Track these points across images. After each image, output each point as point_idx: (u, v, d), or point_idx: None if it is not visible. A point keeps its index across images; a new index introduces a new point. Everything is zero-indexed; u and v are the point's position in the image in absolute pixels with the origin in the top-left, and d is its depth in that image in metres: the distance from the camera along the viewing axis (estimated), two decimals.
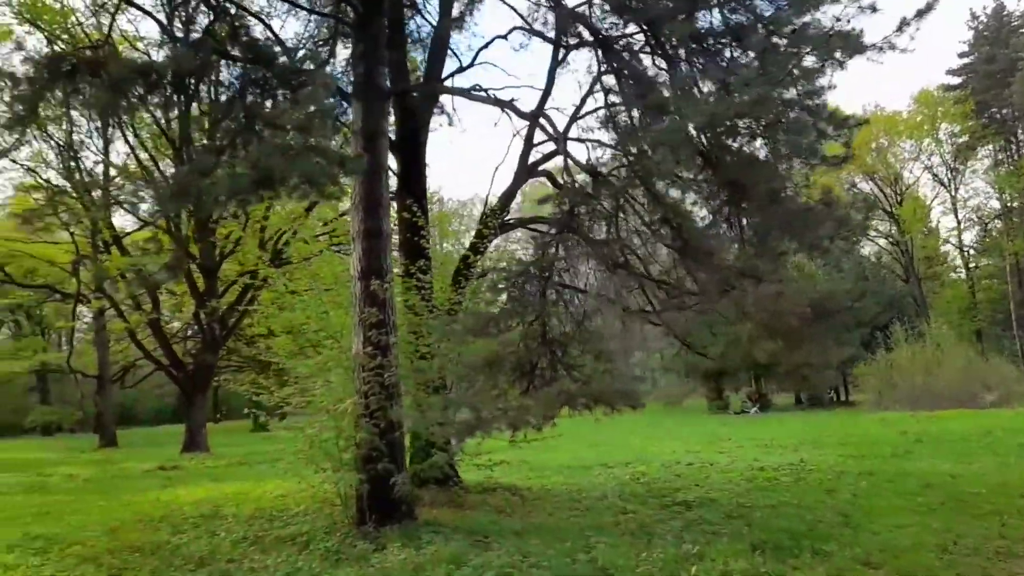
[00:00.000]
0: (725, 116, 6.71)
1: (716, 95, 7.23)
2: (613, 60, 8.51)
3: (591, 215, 8.14)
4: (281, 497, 13.41)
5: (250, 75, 7.43)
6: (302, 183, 6.72)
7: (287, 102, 7.09)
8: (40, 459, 27.10)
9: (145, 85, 6.86)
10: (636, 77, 8.23)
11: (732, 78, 7.00)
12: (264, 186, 6.57)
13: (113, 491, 16.19)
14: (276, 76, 7.23)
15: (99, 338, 32.64)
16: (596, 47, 8.59)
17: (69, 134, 24.74)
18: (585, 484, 13.33)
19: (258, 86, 7.50)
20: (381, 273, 9.68)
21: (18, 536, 10.33)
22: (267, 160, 6.29)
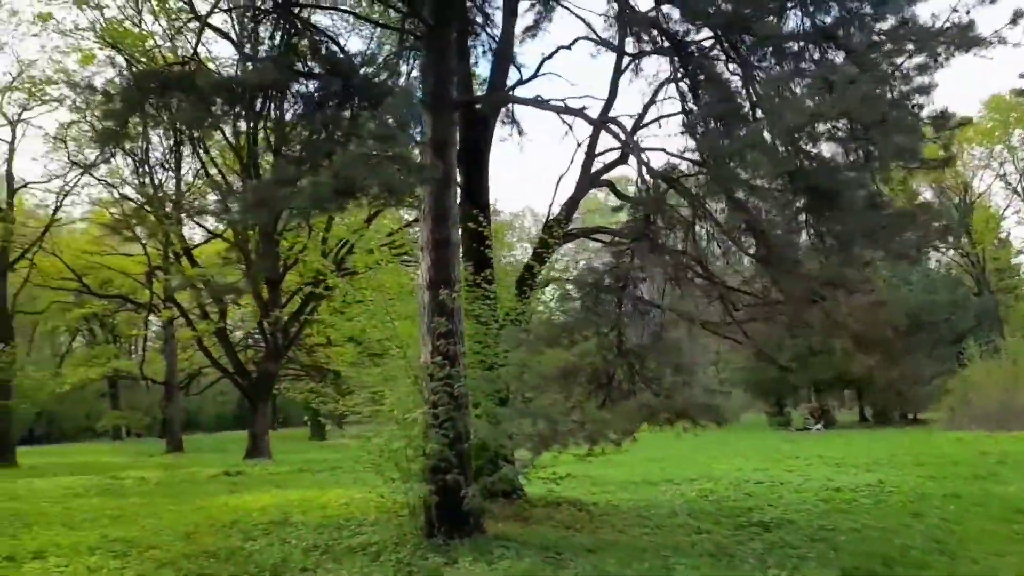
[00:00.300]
0: (828, 115, 6.49)
1: (812, 95, 7.01)
2: (689, 65, 8.35)
3: (667, 223, 7.98)
4: (345, 505, 13.50)
5: (329, 88, 7.52)
6: (382, 192, 6.75)
7: (365, 113, 7.14)
8: (112, 463, 27.95)
9: (230, 99, 6.98)
10: (714, 82, 8.06)
11: (832, 77, 6.77)
12: (345, 195, 6.62)
13: (182, 495, 16.53)
14: (355, 88, 7.30)
15: (168, 346, 33.60)
16: (672, 53, 8.44)
17: (145, 151, 25.60)
18: (652, 501, 13.06)
19: (335, 98, 7.58)
20: (449, 283, 9.67)
21: (97, 538, 10.58)
22: (349, 169, 6.33)
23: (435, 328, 9.33)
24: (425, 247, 9.78)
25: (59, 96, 24.09)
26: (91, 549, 9.82)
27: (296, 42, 7.55)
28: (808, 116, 6.51)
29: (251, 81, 7.15)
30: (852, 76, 6.57)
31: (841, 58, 7.45)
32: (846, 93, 6.26)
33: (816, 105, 6.61)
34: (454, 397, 9.25)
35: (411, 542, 9.04)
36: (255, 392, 26.26)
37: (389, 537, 9.54)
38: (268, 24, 8.16)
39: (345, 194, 6.58)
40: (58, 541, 10.43)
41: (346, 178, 6.29)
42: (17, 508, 14.90)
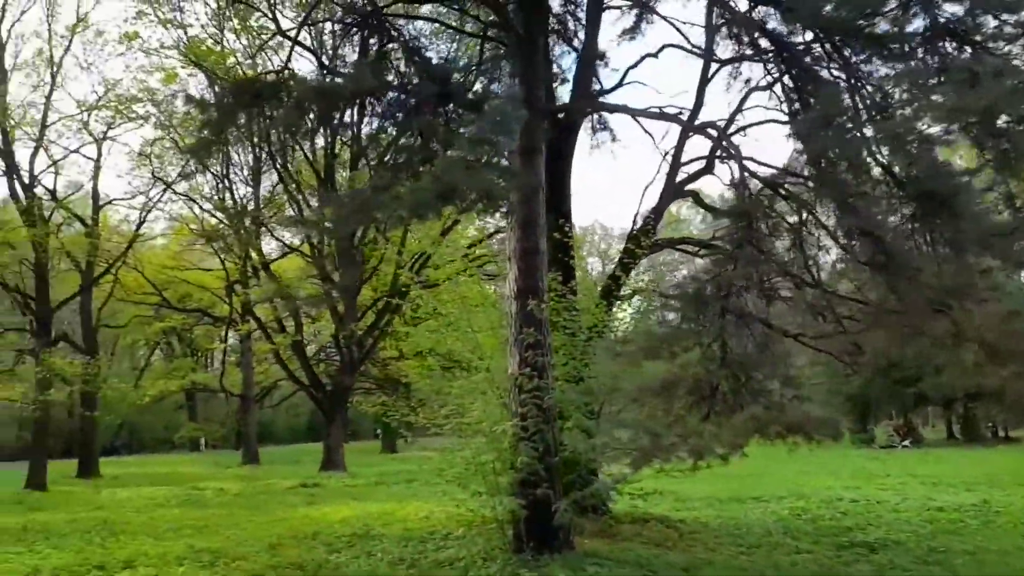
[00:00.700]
0: (971, 110, 6.07)
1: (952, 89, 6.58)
2: (793, 67, 7.98)
3: (772, 230, 7.62)
4: (426, 519, 13.37)
5: (424, 94, 7.42)
6: (479, 198, 6.60)
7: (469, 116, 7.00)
8: (191, 473, 28.54)
9: (327, 106, 6.95)
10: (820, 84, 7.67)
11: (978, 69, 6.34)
12: (445, 200, 6.49)
13: (262, 507, 16.67)
14: (451, 93, 7.18)
15: (245, 359, 34.30)
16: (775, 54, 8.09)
17: (226, 167, 26.30)
18: (741, 519, 12.55)
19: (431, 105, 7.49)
20: (538, 292, 9.46)
21: (183, 549, 10.65)
22: (451, 174, 6.19)
23: (523, 339, 9.11)
24: (512, 256, 9.60)
25: (144, 114, 24.95)
26: (179, 559, 9.87)
27: (388, 50, 7.52)
28: (946, 112, 6.10)
29: (348, 88, 7.12)
30: (998, 68, 6.13)
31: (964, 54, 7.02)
32: (992, 87, 5.83)
33: (956, 102, 6.17)
34: (543, 409, 9.00)
35: (500, 557, 8.80)
36: (330, 405, 26.50)
37: (476, 552, 9.33)
38: (355, 36, 8.15)
39: (445, 199, 6.45)
40: (145, 551, 10.55)
41: (447, 183, 6.15)
42: (104, 517, 15.23)
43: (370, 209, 6.95)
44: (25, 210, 23.25)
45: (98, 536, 12.49)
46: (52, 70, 24.74)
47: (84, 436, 29.04)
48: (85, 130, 26.51)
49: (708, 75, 13.54)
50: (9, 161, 23.60)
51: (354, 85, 7.11)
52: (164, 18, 23.27)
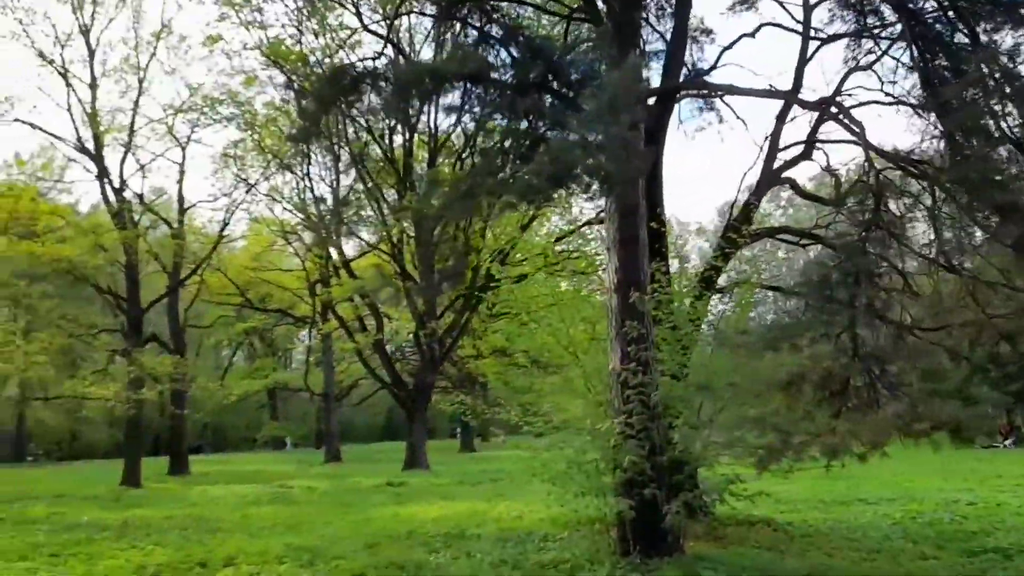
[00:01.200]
0: None
1: None
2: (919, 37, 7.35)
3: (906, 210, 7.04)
4: (518, 519, 13.10)
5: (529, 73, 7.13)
6: (594, 180, 6.26)
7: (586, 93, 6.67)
8: (276, 471, 29.01)
9: (433, 86, 6.73)
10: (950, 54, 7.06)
11: None
12: (558, 183, 6.19)
13: (351, 504, 16.68)
14: (558, 72, 6.87)
15: (326, 359, 34.75)
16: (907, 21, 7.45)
17: (307, 167, 26.66)
18: (851, 522, 11.86)
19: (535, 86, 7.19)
20: (639, 284, 9.05)
21: (281, 547, 10.60)
22: (567, 155, 5.88)
23: (627, 333, 8.72)
24: (612, 246, 9.22)
25: (229, 114, 25.42)
26: (278, 558, 9.82)
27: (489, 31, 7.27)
28: None
29: (451, 69, 6.88)
30: None
31: None
32: None
33: None
34: (648, 406, 8.60)
35: (607, 561, 8.43)
36: (412, 404, 26.54)
37: (579, 554, 8.98)
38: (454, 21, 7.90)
39: (558, 182, 6.15)
40: (244, 548, 10.54)
41: (566, 163, 5.84)
42: (199, 514, 15.46)
43: (477, 195, 6.69)
44: (116, 213, 23.96)
45: (195, 533, 12.61)
46: (139, 76, 25.49)
47: (174, 434, 29.86)
48: (170, 134, 27.23)
49: (807, 55, 12.87)
50: (100, 166, 24.37)
51: (459, 66, 6.86)
52: (246, 19, 23.71)
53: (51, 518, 15.31)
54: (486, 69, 6.96)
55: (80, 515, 15.61)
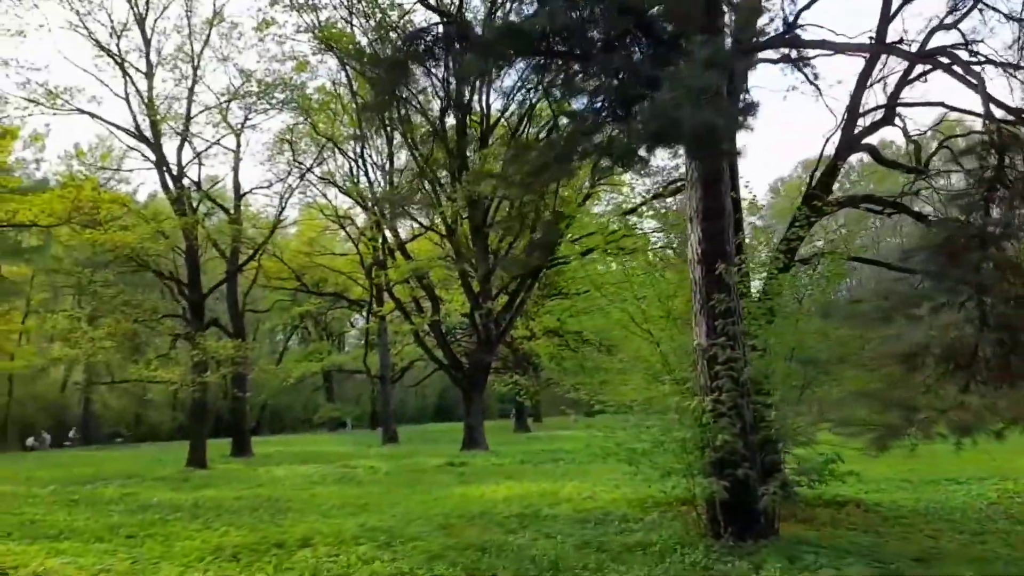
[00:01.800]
0: None
1: None
2: None
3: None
4: (589, 499, 12.82)
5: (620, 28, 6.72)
6: (698, 138, 5.88)
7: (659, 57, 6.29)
8: (335, 452, 29.23)
9: (516, 46, 6.39)
10: None
11: None
12: (661, 141, 5.81)
13: (416, 484, 16.61)
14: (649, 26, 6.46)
15: (382, 341, 34.86)
16: None
17: (361, 149, 26.56)
18: (944, 502, 11.29)
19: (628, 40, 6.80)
20: (725, 255, 8.63)
21: (354, 527, 10.49)
22: (672, 112, 5.50)
23: (716, 305, 8.31)
24: (694, 217, 8.79)
25: (285, 98, 25.41)
26: (354, 538, 9.68)
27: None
28: None
29: (539, 26, 6.53)
30: None
31: None
32: None
33: None
34: (739, 383, 8.20)
35: (701, 543, 8.08)
36: (469, 384, 26.44)
37: (667, 536, 8.65)
38: None
39: (661, 140, 5.78)
40: (318, 528, 10.45)
41: (670, 120, 5.46)
42: (267, 495, 15.51)
43: (570, 159, 6.35)
44: (175, 200, 24.20)
45: (266, 513, 12.61)
46: (193, 64, 25.62)
47: (236, 417, 30.28)
48: (224, 121, 27.39)
49: (891, 11, 12.18)
50: (159, 154, 24.61)
51: (547, 21, 6.49)
52: (297, 2, 23.59)
53: (124, 499, 15.54)
54: (575, 25, 6.58)
55: (151, 496, 15.80)
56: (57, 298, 42.25)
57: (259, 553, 9.14)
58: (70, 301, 43.07)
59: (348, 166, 29.46)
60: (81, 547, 9.65)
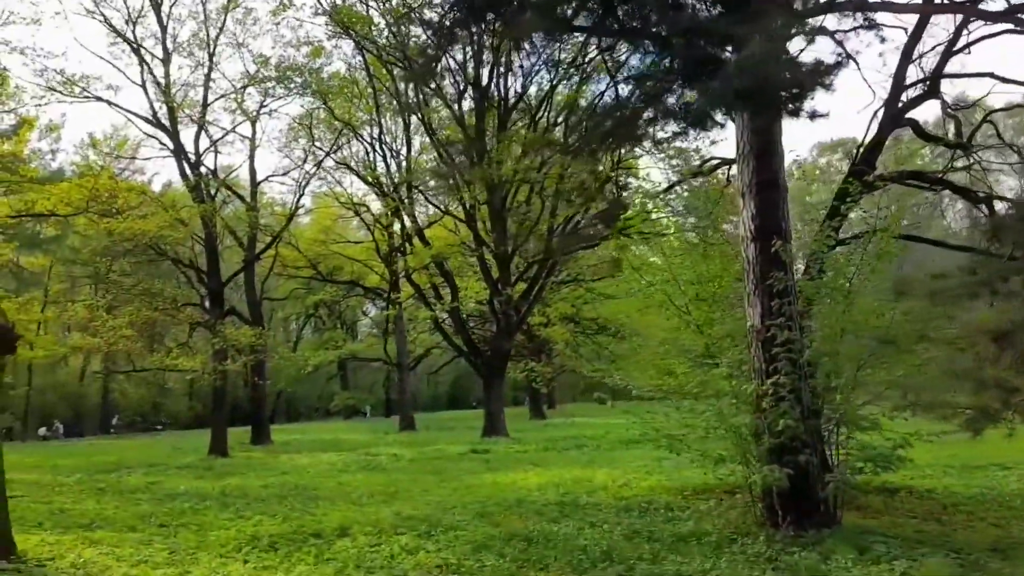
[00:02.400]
0: None
1: None
2: None
3: None
4: (624, 486, 12.54)
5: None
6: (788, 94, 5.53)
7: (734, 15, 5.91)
8: (355, 440, 29.06)
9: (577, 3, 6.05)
10: None
11: None
12: (747, 100, 5.47)
13: (443, 472, 16.34)
14: None
15: (398, 328, 34.59)
16: None
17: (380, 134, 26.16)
18: (999, 488, 10.87)
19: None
20: (781, 232, 8.27)
21: (390, 516, 10.24)
22: (763, 67, 5.16)
23: (772, 286, 7.96)
24: (747, 191, 8.43)
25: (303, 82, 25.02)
26: (393, 527, 9.43)
27: None
28: None
29: None
30: None
31: None
32: None
33: None
34: (797, 365, 7.86)
35: (760, 533, 7.76)
36: (489, 371, 26.14)
37: (721, 525, 8.35)
38: None
39: (747, 98, 5.44)
40: (353, 517, 10.21)
41: (760, 77, 5.11)
42: (294, 482, 15.31)
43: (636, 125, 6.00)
44: (193, 187, 23.94)
45: (296, 501, 12.40)
46: (209, 50, 25.32)
47: (255, 405, 30.15)
48: (240, 109, 27.12)
49: None
50: (176, 141, 24.35)
51: None
52: None
53: (150, 487, 15.38)
54: None
55: (177, 484, 15.63)
56: (74, 288, 42.22)
57: (297, 543, 8.90)
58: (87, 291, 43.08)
59: (364, 152, 29.17)
60: (116, 536, 9.43)
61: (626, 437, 23.97)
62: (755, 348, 8.30)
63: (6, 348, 6.63)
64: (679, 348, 10.78)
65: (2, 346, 6.62)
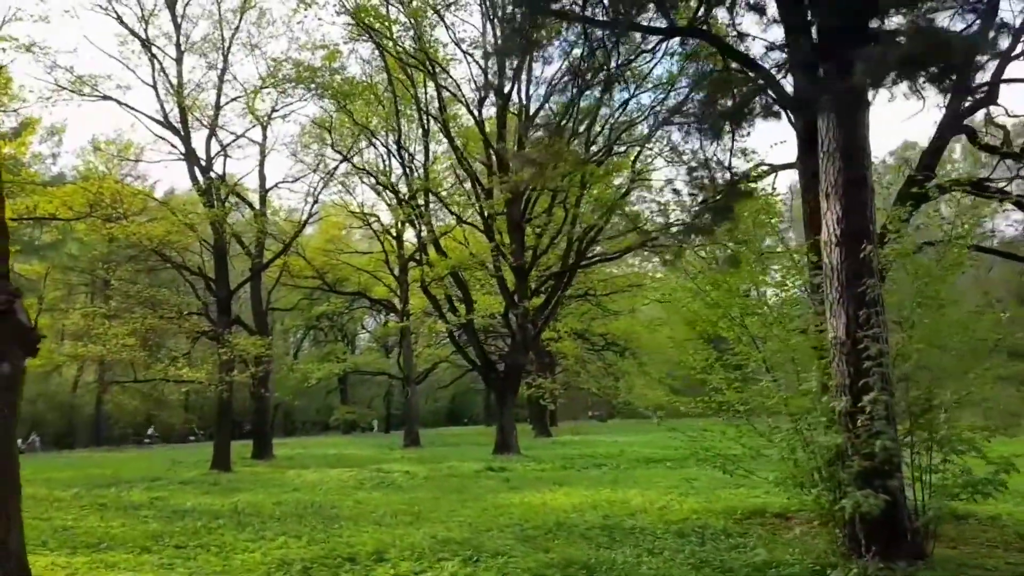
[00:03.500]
0: None
1: None
2: None
3: None
4: (664, 509, 11.81)
5: None
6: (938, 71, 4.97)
7: None
8: (361, 455, 28.22)
9: None
10: None
11: None
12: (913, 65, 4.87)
13: (463, 491, 15.58)
14: None
15: (405, 341, 33.79)
16: None
17: (398, 140, 25.48)
18: None
19: None
20: (869, 235, 7.65)
21: (424, 539, 9.52)
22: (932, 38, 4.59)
23: (863, 294, 7.32)
24: (831, 191, 7.81)
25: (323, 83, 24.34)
26: (432, 552, 8.71)
27: None
28: None
29: None
30: None
31: None
32: None
33: None
34: (888, 381, 7.20)
35: (851, 565, 7.04)
36: (503, 386, 25.32)
37: (796, 555, 7.63)
38: None
39: (917, 65, 4.87)
40: (385, 540, 9.50)
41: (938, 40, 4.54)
42: (308, 500, 14.55)
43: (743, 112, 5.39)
44: (204, 191, 23.25)
45: (317, 521, 11.66)
46: (223, 51, 24.74)
47: (258, 417, 29.28)
48: (251, 114, 26.50)
49: None
50: (187, 145, 23.71)
51: None
52: None
53: (154, 503, 14.63)
54: None
55: (183, 500, 14.88)
56: (71, 295, 41.38)
57: (331, 568, 8.19)
58: (83, 299, 42.22)
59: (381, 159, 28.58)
60: (132, 559, 8.71)
61: (642, 456, 23.34)
62: (839, 362, 7.64)
63: (28, 350, 5.91)
64: (727, 364, 10.12)
65: (24, 347, 5.88)
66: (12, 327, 6.08)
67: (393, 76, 23.89)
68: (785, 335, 9.16)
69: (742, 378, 9.99)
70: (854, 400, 7.21)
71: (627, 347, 39.63)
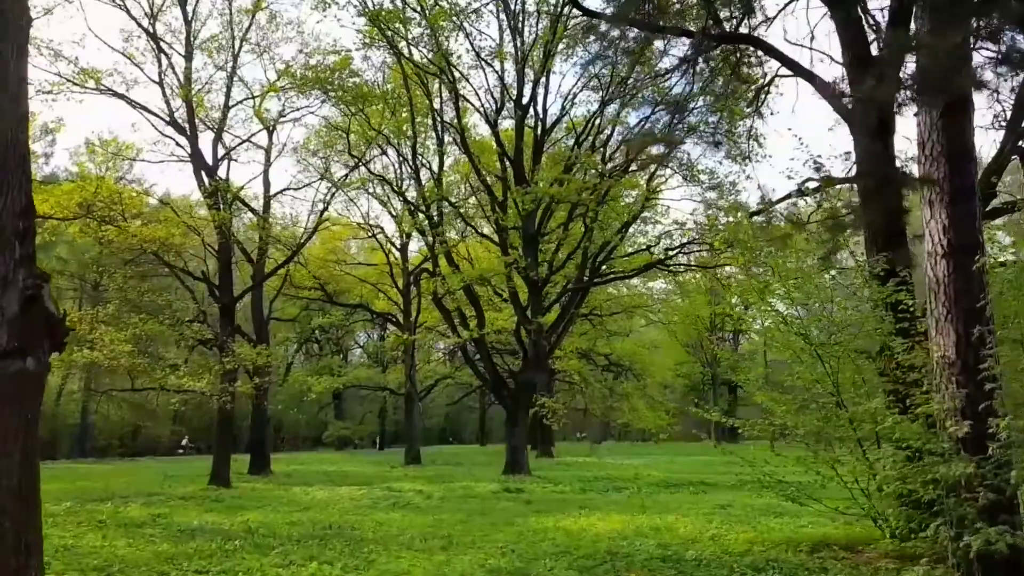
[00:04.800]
0: None
1: None
2: None
3: None
4: (715, 538, 11.10)
5: None
6: None
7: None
8: (363, 472, 27.39)
9: None
10: None
11: None
12: None
13: (487, 514, 14.78)
14: None
15: (409, 356, 32.99)
16: None
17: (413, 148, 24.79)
18: None
19: None
20: (977, 247, 7.07)
21: (473, 568, 8.84)
22: None
23: (980, 309, 6.72)
24: (935, 200, 7.22)
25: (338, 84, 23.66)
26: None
27: None
28: None
29: None
30: None
31: None
32: None
33: None
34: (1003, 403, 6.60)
35: None
36: (514, 404, 24.54)
37: None
38: None
39: None
40: (432, 568, 8.87)
41: None
42: (324, 520, 13.75)
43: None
44: (211, 193, 22.44)
45: (343, 545, 10.86)
46: (233, 51, 24.09)
47: (257, 431, 28.32)
48: (258, 116, 25.83)
49: None
50: (194, 146, 22.96)
51: None
52: None
53: (156, 521, 13.76)
54: None
55: (188, 518, 14.02)
56: (59, 300, 40.21)
57: None
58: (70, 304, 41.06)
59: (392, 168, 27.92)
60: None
61: (659, 479, 22.67)
62: (946, 384, 7.01)
63: (56, 344, 5.08)
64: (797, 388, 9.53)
65: (51, 340, 5.06)
66: (41, 316, 5.29)
67: (410, 82, 23.27)
68: (855, 356, 8.58)
69: (800, 403, 9.45)
70: (978, 425, 6.57)
71: (630, 368, 39.07)
